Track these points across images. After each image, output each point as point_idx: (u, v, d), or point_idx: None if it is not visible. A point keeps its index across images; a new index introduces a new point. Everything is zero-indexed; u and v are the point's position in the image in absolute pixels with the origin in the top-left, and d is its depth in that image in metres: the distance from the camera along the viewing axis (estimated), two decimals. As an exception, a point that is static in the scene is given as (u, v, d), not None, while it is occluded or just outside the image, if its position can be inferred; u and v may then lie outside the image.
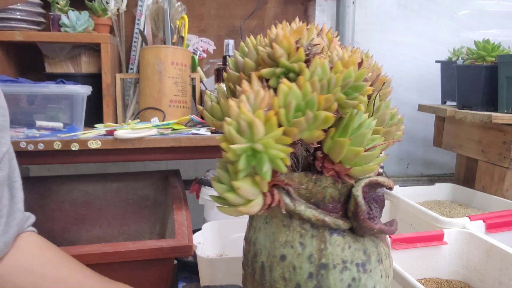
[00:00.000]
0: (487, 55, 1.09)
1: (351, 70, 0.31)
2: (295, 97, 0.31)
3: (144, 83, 1.04)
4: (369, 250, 0.39)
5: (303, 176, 0.37)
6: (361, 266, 0.38)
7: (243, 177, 0.31)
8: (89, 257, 0.64)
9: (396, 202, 0.96)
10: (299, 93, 0.31)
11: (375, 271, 0.39)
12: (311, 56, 0.35)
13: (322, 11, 1.40)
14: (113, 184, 1.08)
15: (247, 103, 0.31)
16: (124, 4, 1.15)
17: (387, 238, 0.43)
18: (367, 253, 0.39)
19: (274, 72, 0.36)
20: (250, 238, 0.42)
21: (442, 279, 0.75)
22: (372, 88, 0.34)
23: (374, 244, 0.40)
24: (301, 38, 0.36)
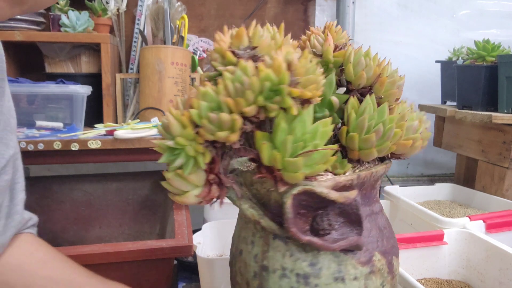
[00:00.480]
0: (487, 55, 1.09)
1: (270, 73, 0.30)
2: (208, 98, 0.32)
3: (144, 83, 1.04)
4: (320, 264, 0.36)
5: (251, 175, 0.37)
6: (303, 277, 0.36)
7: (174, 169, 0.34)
8: (89, 257, 0.64)
9: (396, 202, 0.96)
10: (214, 95, 0.32)
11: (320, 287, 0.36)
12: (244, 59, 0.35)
13: (322, 11, 1.40)
14: (113, 184, 1.08)
15: (180, 103, 0.34)
16: (124, 4, 1.15)
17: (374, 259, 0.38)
18: (315, 267, 0.36)
19: (209, 75, 0.38)
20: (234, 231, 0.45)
21: (442, 279, 0.75)
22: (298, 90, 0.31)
23: (336, 260, 0.37)
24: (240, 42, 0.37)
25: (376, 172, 0.38)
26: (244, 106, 0.31)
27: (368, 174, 0.37)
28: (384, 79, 0.39)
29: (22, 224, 0.53)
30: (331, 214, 0.35)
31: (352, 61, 0.40)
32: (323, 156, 0.33)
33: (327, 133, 0.34)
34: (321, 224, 0.35)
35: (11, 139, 0.49)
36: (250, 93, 0.31)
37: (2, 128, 0.47)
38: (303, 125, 0.33)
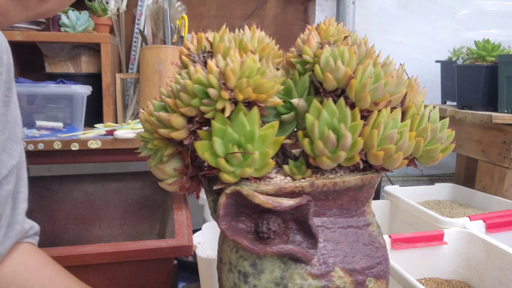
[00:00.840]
0: (487, 55, 1.09)
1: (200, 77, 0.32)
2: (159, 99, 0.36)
3: (144, 83, 1.04)
4: (263, 266, 0.35)
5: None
6: (243, 275, 0.36)
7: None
8: (89, 257, 0.64)
9: (396, 202, 0.96)
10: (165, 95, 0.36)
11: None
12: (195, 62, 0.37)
13: (322, 11, 1.40)
14: (113, 184, 1.08)
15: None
16: (124, 4, 1.14)
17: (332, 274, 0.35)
18: (256, 268, 0.35)
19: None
20: None
21: (442, 279, 0.75)
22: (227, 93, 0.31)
23: (281, 266, 0.35)
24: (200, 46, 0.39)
25: (342, 182, 0.35)
26: (181, 107, 0.33)
27: (328, 183, 0.34)
28: (353, 82, 0.35)
29: (22, 234, 0.52)
30: (272, 218, 0.34)
31: (321, 62, 0.36)
32: (252, 159, 0.32)
33: (266, 137, 0.33)
34: (260, 227, 0.34)
35: (15, 149, 0.48)
36: (184, 95, 0.33)
37: (7, 137, 0.47)
38: (240, 127, 0.33)
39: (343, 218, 0.37)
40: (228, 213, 0.34)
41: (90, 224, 1.05)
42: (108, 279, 0.66)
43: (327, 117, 0.34)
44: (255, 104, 0.33)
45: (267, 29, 1.33)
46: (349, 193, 0.36)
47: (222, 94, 0.32)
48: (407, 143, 0.35)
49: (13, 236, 0.50)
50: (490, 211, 0.92)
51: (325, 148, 0.34)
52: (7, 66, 0.46)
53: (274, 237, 0.34)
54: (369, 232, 0.38)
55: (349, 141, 0.33)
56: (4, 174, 0.46)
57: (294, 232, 0.35)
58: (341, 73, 0.35)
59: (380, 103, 0.35)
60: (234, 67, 0.32)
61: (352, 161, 0.35)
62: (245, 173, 0.33)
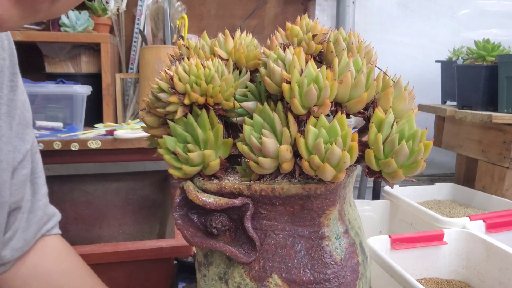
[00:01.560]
0: (487, 55, 1.09)
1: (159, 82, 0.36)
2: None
3: (144, 83, 1.04)
4: (213, 258, 0.37)
5: None
6: (198, 264, 0.39)
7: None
8: (89, 257, 0.64)
9: (396, 201, 0.96)
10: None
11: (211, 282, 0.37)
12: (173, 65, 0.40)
13: (322, 11, 1.40)
14: (113, 184, 1.08)
15: None
16: (124, 4, 1.14)
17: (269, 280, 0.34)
18: (208, 259, 0.38)
19: None
20: None
21: (442, 279, 0.75)
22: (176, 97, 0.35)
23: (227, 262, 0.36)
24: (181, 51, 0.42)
25: (281, 189, 0.33)
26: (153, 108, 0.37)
27: (266, 188, 0.33)
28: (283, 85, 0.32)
29: (45, 220, 0.53)
30: (216, 215, 0.35)
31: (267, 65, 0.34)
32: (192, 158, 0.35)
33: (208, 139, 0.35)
34: (205, 222, 0.36)
35: (27, 133, 0.49)
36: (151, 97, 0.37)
37: (17, 123, 0.47)
38: (191, 129, 0.36)
39: (294, 226, 0.35)
40: (183, 205, 0.36)
41: (90, 224, 1.05)
42: (108, 279, 0.66)
43: (260, 121, 0.34)
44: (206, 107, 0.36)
45: (267, 29, 1.33)
46: (298, 201, 0.34)
47: (171, 98, 0.35)
48: (336, 154, 0.30)
49: (35, 223, 0.51)
50: (490, 211, 0.92)
51: (251, 153, 0.33)
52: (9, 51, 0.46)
53: (218, 233, 0.35)
54: (322, 245, 0.35)
55: (271, 148, 0.32)
56: (19, 159, 0.47)
57: (240, 232, 0.35)
58: (278, 76, 0.33)
59: (319, 109, 0.32)
60: (180, 73, 0.35)
61: (283, 168, 0.33)
62: (186, 170, 0.35)
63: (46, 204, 0.53)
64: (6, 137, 0.44)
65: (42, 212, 0.52)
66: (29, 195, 0.50)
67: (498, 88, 1.05)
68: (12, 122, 0.45)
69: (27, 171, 0.48)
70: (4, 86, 0.44)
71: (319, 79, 0.32)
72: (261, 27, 1.33)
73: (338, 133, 0.31)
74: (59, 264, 0.53)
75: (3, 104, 0.44)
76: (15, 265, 0.49)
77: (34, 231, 0.50)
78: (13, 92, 0.46)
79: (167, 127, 0.37)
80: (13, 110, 0.45)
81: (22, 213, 0.48)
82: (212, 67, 0.35)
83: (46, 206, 0.53)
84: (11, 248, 0.48)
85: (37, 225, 0.51)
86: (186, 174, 0.36)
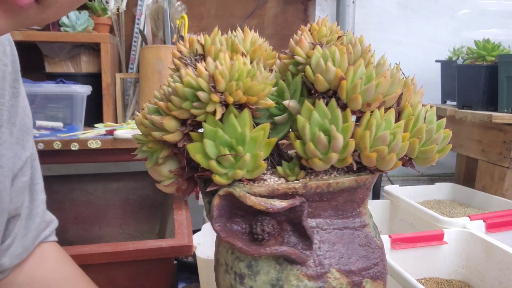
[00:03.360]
0: (487, 55, 1.09)
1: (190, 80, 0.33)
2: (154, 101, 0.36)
3: (144, 83, 1.04)
4: (258, 267, 0.35)
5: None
6: (239, 277, 0.36)
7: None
8: (88, 257, 0.64)
9: (396, 201, 0.96)
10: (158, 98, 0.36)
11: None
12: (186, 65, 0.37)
13: (322, 11, 1.40)
14: (113, 184, 1.08)
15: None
16: (124, 4, 1.14)
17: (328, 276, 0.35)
18: (252, 269, 0.35)
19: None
20: None
21: (442, 279, 0.75)
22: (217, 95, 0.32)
23: (277, 267, 0.35)
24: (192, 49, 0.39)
25: (336, 184, 0.34)
26: (173, 110, 0.33)
27: (321, 184, 0.34)
28: (343, 83, 0.34)
29: (43, 227, 0.52)
30: (266, 219, 0.34)
31: (312, 63, 0.36)
32: (244, 161, 0.32)
33: (257, 139, 0.33)
34: (254, 228, 0.34)
35: (28, 140, 0.48)
36: (175, 98, 0.33)
37: (18, 129, 0.47)
38: (231, 129, 0.33)
39: (338, 219, 0.37)
40: (222, 215, 0.34)
41: (90, 224, 1.05)
42: (108, 279, 0.66)
43: (318, 118, 0.34)
44: (246, 106, 0.34)
45: (267, 28, 1.33)
46: (344, 194, 0.36)
47: (212, 97, 0.32)
48: (400, 144, 0.34)
49: (34, 229, 0.50)
50: (490, 211, 0.92)
51: (317, 150, 0.33)
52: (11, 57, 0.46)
53: (268, 238, 0.34)
54: (365, 233, 0.38)
55: (341, 143, 0.33)
56: (19, 166, 0.46)
57: (289, 234, 0.35)
58: (332, 74, 0.35)
59: (372, 104, 0.35)
60: (223, 70, 0.32)
61: (344, 162, 0.34)
62: (236, 175, 0.33)
63: (44, 210, 0.53)
64: (8, 143, 0.44)
65: (40, 219, 0.52)
66: (27, 201, 0.50)
67: (498, 88, 1.05)
68: (13, 128, 0.45)
69: (27, 178, 0.48)
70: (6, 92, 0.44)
71: (373, 76, 0.35)
72: (261, 27, 1.33)
73: (392, 125, 0.35)
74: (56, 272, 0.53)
75: (4, 110, 0.43)
76: (13, 272, 0.49)
77: (33, 237, 0.50)
78: (15, 99, 0.46)
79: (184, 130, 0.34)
80: (14, 117, 0.45)
81: (20, 220, 0.48)
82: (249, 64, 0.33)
83: (44, 212, 0.53)
84: (10, 255, 0.47)
85: (36, 232, 0.51)
86: (229, 179, 0.33)
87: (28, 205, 0.50)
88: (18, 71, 0.47)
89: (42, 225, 0.52)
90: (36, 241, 0.51)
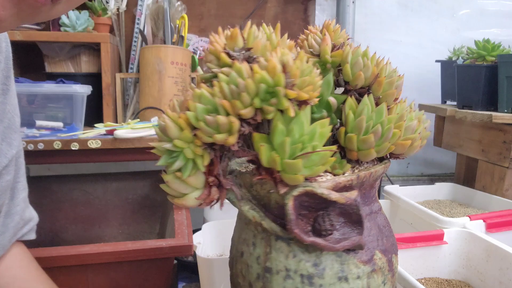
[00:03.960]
0: (487, 55, 1.09)
1: (265, 76, 0.31)
2: (203, 100, 0.32)
3: (144, 83, 1.04)
4: (323, 264, 0.36)
5: (250, 177, 0.37)
6: (307, 278, 0.36)
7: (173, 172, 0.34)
8: (88, 256, 0.64)
9: (396, 201, 0.96)
10: (209, 97, 0.32)
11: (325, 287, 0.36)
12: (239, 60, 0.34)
13: (322, 11, 1.40)
14: (113, 184, 1.08)
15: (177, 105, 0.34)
16: (124, 4, 1.14)
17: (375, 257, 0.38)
18: (319, 267, 0.36)
19: (204, 76, 0.38)
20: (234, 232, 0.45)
21: (442, 279, 0.75)
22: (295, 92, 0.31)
23: (339, 260, 0.37)
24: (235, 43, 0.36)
25: (375, 172, 0.38)
26: (240, 108, 0.31)
27: (368, 174, 0.37)
28: (382, 79, 0.39)
29: (21, 225, 0.52)
30: (332, 214, 0.35)
31: (350, 61, 0.40)
32: (322, 157, 0.33)
33: (325, 134, 0.34)
34: (323, 224, 0.34)
35: (15, 138, 0.48)
36: (246, 95, 0.31)
37: (6, 126, 0.46)
38: (300, 126, 0.33)
39: (366, 206, 0.40)
40: (297, 217, 0.34)
41: (89, 224, 1.05)
42: (108, 279, 0.66)
43: (368, 112, 0.38)
44: (305, 103, 0.33)
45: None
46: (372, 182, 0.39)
47: (289, 93, 0.31)
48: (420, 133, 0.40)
49: (12, 227, 0.50)
50: (490, 211, 0.92)
51: (374, 141, 0.37)
52: (5, 54, 0.46)
53: (332, 232, 0.35)
54: (383, 215, 0.42)
55: (391, 132, 0.37)
56: (4, 164, 0.46)
57: (341, 225, 0.36)
58: (369, 71, 0.39)
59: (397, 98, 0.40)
60: (298, 65, 0.31)
61: (389, 150, 0.38)
62: (318, 171, 0.33)
63: (23, 208, 0.52)
64: None
65: (19, 217, 0.51)
66: (8, 199, 0.49)
67: (498, 88, 1.05)
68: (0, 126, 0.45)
69: (11, 177, 0.48)
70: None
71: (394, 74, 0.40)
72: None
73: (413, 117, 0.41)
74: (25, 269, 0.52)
75: None
76: None
77: (10, 235, 0.50)
78: (4, 96, 0.45)
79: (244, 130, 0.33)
80: (2, 114, 0.45)
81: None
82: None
83: (24, 210, 0.52)
84: None
85: (13, 230, 0.50)
86: (309, 176, 0.34)
87: (8, 203, 0.49)
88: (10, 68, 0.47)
89: (20, 223, 0.52)
90: (13, 239, 0.51)
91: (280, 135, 0.32)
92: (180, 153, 0.33)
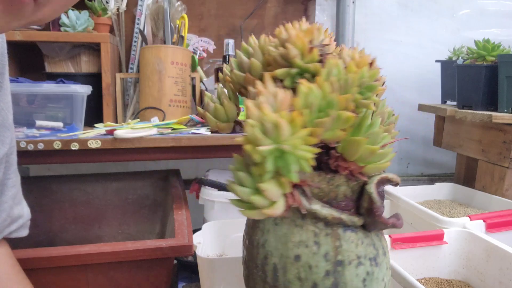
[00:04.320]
0: (487, 55, 1.09)
1: (364, 70, 0.32)
2: (316, 97, 0.31)
3: (144, 83, 1.03)
4: (376, 244, 0.41)
5: (316, 176, 0.38)
6: (373, 260, 0.40)
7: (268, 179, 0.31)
8: (88, 256, 0.64)
9: (396, 201, 0.96)
10: (319, 93, 0.31)
11: (382, 263, 0.40)
12: (323, 56, 0.35)
13: (322, 11, 1.40)
14: (113, 184, 1.08)
15: (267, 104, 0.31)
16: (124, 4, 1.14)
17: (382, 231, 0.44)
18: (376, 247, 0.40)
19: (289, 73, 0.36)
20: (258, 241, 0.41)
21: (442, 279, 0.75)
22: (384, 87, 0.35)
23: (379, 238, 0.42)
24: (313, 38, 0.36)
25: None
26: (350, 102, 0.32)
27: None
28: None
29: (8, 223, 0.51)
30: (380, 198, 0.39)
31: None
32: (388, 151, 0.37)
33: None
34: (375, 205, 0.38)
35: (7, 136, 0.48)
36: (355, 89, 0.32)
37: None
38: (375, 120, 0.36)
39: None
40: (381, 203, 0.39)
41: (89, 224, 1.04)
42: (107, 279, 0.66)
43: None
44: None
45: (267, 28, 1.33)
46: None
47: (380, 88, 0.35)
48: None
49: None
50: (490, 211, 0.92)
51: None
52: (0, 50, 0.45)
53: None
54: None
55: None
56: None
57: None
58: None
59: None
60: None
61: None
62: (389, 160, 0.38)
63: (11, 206, 0.51)
64: None
65: (6, 214, 0.50)
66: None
67: (498, 88, 1.05)
68: None
69: (1, 174, 0.47)
70: None
71: None
72: (261, 27, 1.33)
73: None
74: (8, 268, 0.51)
75: None
76: None
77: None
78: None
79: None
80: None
81: None
82: None
83: (12, 208, 0.52)
84: None
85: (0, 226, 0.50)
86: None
87: None
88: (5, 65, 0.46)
89: (7, 220, 0.51)
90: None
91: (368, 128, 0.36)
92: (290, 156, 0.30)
